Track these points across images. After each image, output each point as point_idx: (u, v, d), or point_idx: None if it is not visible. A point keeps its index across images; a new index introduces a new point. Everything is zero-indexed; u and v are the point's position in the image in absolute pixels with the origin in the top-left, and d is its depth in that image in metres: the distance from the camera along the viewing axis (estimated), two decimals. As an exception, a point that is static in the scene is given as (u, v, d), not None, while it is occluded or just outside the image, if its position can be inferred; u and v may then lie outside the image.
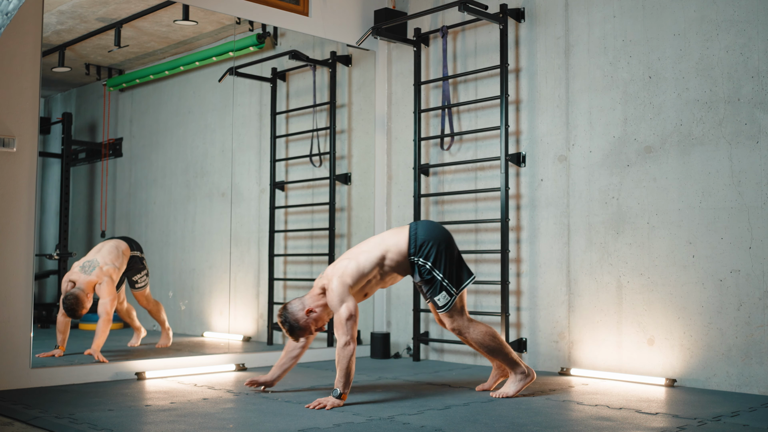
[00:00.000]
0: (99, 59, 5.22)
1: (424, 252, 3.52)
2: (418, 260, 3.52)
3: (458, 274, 3.56)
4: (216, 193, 5.27)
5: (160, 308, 4.94)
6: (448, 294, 3.51)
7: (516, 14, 4.68)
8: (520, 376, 3.59)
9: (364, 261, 3.51)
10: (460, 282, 3.55)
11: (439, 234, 3.58)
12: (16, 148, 3.78)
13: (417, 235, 3.55)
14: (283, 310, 3.50)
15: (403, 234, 3.58)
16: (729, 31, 3.85)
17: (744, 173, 3.76)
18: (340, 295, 3.39)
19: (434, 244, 3.53)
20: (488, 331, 3.57)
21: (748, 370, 3.70)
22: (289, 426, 2.91)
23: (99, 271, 4.49)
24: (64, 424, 2.88)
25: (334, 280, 3.43)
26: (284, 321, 3.47)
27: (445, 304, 3.52)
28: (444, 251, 3.53)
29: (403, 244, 3.54)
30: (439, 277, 3.51)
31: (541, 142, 4.58)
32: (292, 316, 3.47)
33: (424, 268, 3.52)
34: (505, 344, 3.60)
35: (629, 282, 4.13)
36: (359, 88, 5.50)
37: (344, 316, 3.35)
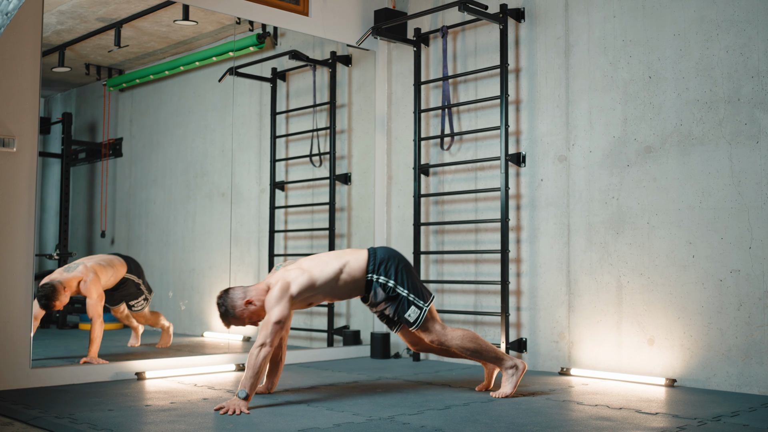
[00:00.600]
0: (99, 59, 5.22)
1: (383, 270, 3.49)
2: (379, 278, 3.48)
3: (422, 288, 3.55)
4: (216, 193, 5.27)
5: (157, 317, 4.88)
6: (417, 308, 3.47)
7: (516, 14, 4.68)
8: (511, 371, 3.58)
9: (318, 274, 3.45)
10: (426, 296, 3.53)
11: (398, 254, 3.58)
12: (16, 148, 3.78)
13: (376, 254, 3.53)
14: (224, 293, 3.43)
15: (362, 252, 3.55)
16: (729, 31, 3.85)
17: (744, 173, 3.76)
18: (278, 300, 3.34)
19: (393, 263, 3.51)
20: (466, 335, 3.55)
21: (748, 370, 3.70)
22: (289, 426, 2.91)
23: (83, 268, 4.34)
24: (64, 424, 2.88)
25: (280, 284, 3.38)
26: (221, 304, 3.41)
27: (417, 319, 3.47)
28: (404, 269, 3.52)
29: (362, 261, 3.50)
30: (404, 293, 3.48)
31: (541, 142, 4.58)
32: (231, 302, 3.40)
33: (387, 286, 3.48)
34: (485, 344, 3.57)
35: (629, 282, 4.13)
36: (359, 88, 5.50)
37: (273, 319, 3.30)
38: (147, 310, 4.77)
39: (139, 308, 4.69)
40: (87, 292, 4.27)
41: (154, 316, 4.88)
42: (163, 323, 4.89)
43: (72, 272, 4.30)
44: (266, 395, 3.60)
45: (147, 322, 4.84)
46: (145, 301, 4.69)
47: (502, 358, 3.59)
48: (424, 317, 3.49)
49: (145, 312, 4.77)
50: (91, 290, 4.28)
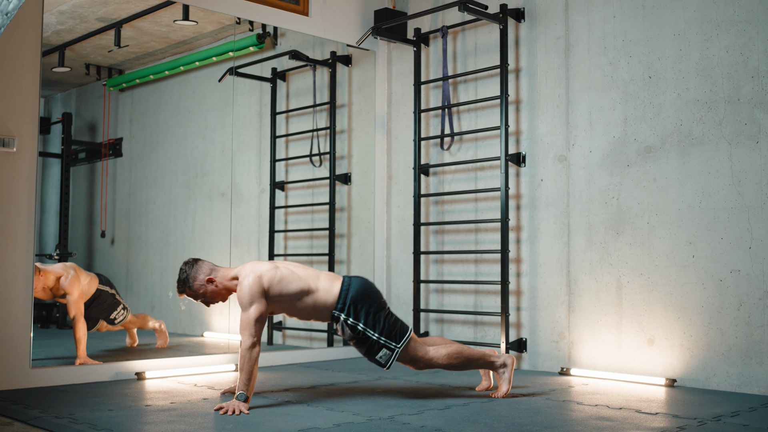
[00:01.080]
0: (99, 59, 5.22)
1: (353, 311, 3.39)
2: (348, 318, 3.40)
3: (395, 328, 3.44)
4: (216, 193, 5.27)
5: (144, 319, 4.80)
6: (388, 350, 3.40)
7: (516, 14, 4.69)
8: (502, 370, 3.58)
9: (288, 281, 3.37)
10: (401, 335, 3.43)
11: (371, 292, 3.46)
12: (16, 148, 3.78)
13: (349, 290, 3.42)
14: (192, 261, 3.38)
15: (336, 284, 3.44)
16: (729, 31, 3.85)
17: (744, 173, 3.76)
18: (253, 295, 3.28)
19: (365, 305, 3.41)
20: (451, 352, 3.49)
21: (748, 370, 3.70)
22: (289, 426, 2.91)
23: (62, 266, 4.26)
24: (64, 424, 2.88)
25: (252, 276, 3.30)
26: (184, 270, 3.36)
27: (387, 361, 3.41)
28: (376, 311, 3.42)
29: (333, 294, 3.41)
30: (374, 336, 3.39)
31: (541, 142, 4.58)
32: (194, 273, 3.35)
33: (357, 329, 3.39)
34: (470, 354, 3.53)
35: (629, 282, 4.13)
36: (359, 88, 5.50)
37: (254, 316, 3.25)
38: (130, 317, 4.64)
39: (122, 319, 4.55)
40: (68, 289, 4.20)
41: (140, 318, 4.78)
42: (152, 324, 4.84)
43: (49, 266, 4.22)
44: (266, 395, 3.60)
45: (135, 326, 4.74)
46: (125, 311, 4.55)
47: (492, 360, 3.58)
48: (395, 358, 3.41)
49: (130, 319, 4.65)
50: (72, 287, 4.21)
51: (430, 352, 3.49)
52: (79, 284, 4.27)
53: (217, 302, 3.44)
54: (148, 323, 4.82)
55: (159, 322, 4.89)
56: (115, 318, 4.51)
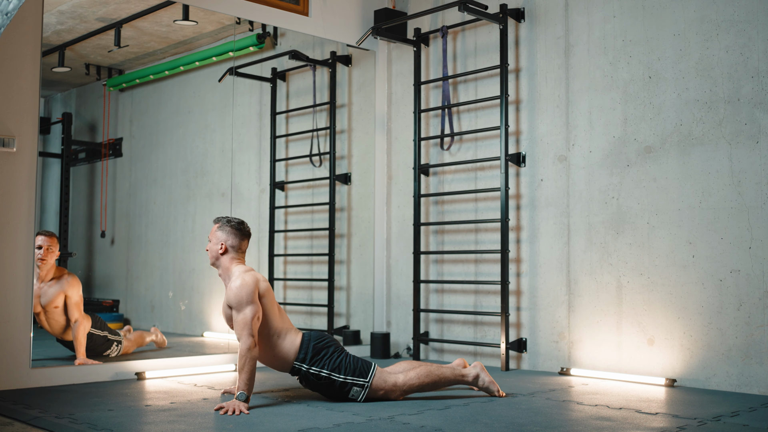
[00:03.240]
0: (99, 59, 5.22)
1: (316, 361, 3.38)
2: (310, 368, 3.38)
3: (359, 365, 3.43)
4: (216, 193, 5.27)
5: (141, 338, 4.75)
6: (359, 387, 3.39)
7: (516, 14, 4.69)
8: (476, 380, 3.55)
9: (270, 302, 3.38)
10: (367, 370, 3.42)
11: (329, 339, 3.48)
12: (16, 148, 3.78)
13: (309, 345, 3.41)
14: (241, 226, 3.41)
15: (297, 336, 3.43)
16: (729, 31, 3.85)
17: (744, 173, 3.76)
18: (249, 295, 3.27)
19: (324, 348, 3.41)
20: (419, 374, 3.47)
21: (748, 370, 3.70)
22: (289, 426, 2.91)
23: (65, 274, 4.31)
24: (64, 424, 2.88)
25: (249, 275, 3.31)
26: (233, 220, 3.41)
27: (361, 396, 3.41)
28: (334, 352, 3.42)
29: (295, 345, 3.40)
30: (340, 378, 3.39)
31: (541, 142, 4.58)
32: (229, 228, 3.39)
33: (320, 376, 3.38)
34: (441, 373, 3.51)
35: (629, 282, 4.13)
36: (359, 88, 5.50)
37: (250, 316, 3.26)
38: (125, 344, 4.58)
39: (117, 353, 4.51)
40: (69, 291, 4.25)
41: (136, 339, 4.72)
42: (149, 338, 4.80)
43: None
44: (266, 395, 3.60)
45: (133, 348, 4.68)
46: (118, 346, 4.51)
47: (463, 374, 3.55)
48: (367, 392, 3.40)
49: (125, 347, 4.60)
50: (73, 289, 4.25)
51: (400, 378, 3.46)
52: (78, 287, 4.29)
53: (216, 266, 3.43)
54: (145, 340, 4.77)
55: (153, 330, 4.85)
56: (110, 354, 4.48)
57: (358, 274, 5.37)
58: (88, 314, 4.41)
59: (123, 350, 4.56)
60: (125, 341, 4.58)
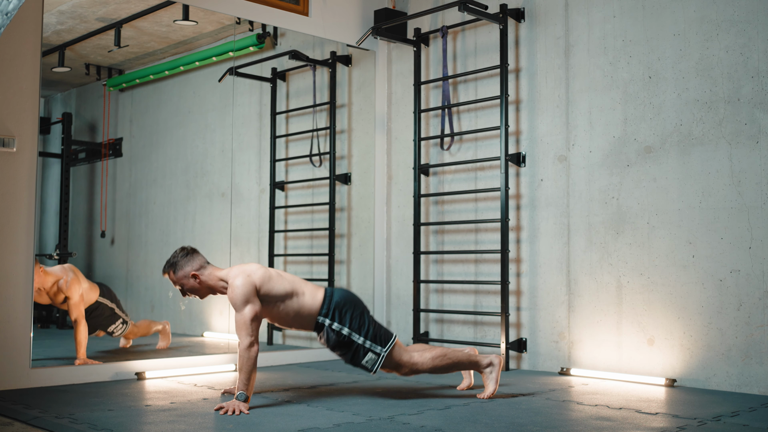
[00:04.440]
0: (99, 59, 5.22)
1: (338, 316, 3.40)
2: (332, 324, 3.40)
3: (380, 333, 3.45)
4: (216, 193, 5.27)
5: (148, 326, 4.78)
6: (374, 354, 3.41)
7: (516, 14, 4.69)
8: (488, 369, 3.56)
9: (275, 281, 3.37)
10: (386, 340, 3.44)
11: (354, 299, 3.48)
12: (16, 148, 3.78)
13: (333, 297, 3.43)
14: (189, 251, 3.36)
15: (319, 291, 3.45)
16: (729, 31, 3.85)
17: (744, 173, 3.76)
18: (246, 295, 3.26)
19: (349, 309, 3.42)
20: (434, 356, 3.49)
21: (748, 370, 3.70)
22: (289, 426, 2.91)
23: (61, 269, 4.23)
24: (64, 424, 2.88)
25: (241, 277, 3.29)
26: (175, 255, 3.35)
27: (373, 365, 3.42)
28: (360, 315, 3.44)
29: (317, 300, 3.41)
30: (359, 340, 3.40)
31: (541, 142, 4.58)
32: (183, 262, 3.34)
33: (341, 334, 3.40)
34: (455, 356, 3.52)
35: (629, 282, 4.13)
36: (359, 88, 5.50)
37: (249, 316, 3.25)
38: (131, 328, 4.62)
39: (120, 332, 4.54)
40: (69, 292, 4.21)
41: (144, 326, 4.74)
42: (156, 327, 4.82)
43: (49, 268, 4.20)
44: (266, 395, 3.60)
45: (138, 334, 4.71)
46: (124, 325, 4.53)
47: (477, 360, 3.57)
48: (381, 363, 3.42)
49: (130, 330, 4.63)
50: (72, 289, 4.21)
51: (414, 356, 3.49)
52: (78, 286, 4.26)
53: (194, 297, 3.42)
54: (152, 329, 4.78)
55: (164, 323, 4.87)
56: (113, 331, 4.48)
57: (358, 274, 5.37)
58: (97, 284, 4.41)
59: (127, 332, 4.55)
60: (131, 325, 4.58)
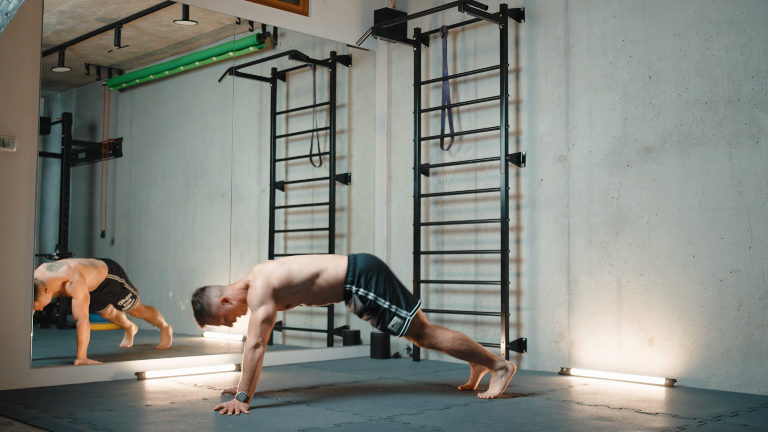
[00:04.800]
0: (99, 59, 5.22)
1: (363, 282, 3.45)
2: (358, 290, 3.45)
3: (406, 297, 3.50)
4: (216, 193, 5.28)
5: (155, 313, 4.85)
6: (400, 318, 3.45)
7: (516, 14, 4.69)
8: (500, 372, 3.57)
9: (296, 271, 3.41)
10: (411, 305, 3.49)
11: (378, 264, 3.52)
12: (16, 148, 3.78)
13: (356, 264, 3.47)
14: (200, 291, 3.39)
15: (342, 260, 3.49)
16: (729, 31, 3.85)
17: (744, 173, 3.76)
18: (262, 296, 3.30)
19: (374, 273, 3.46)
20: (456, 337, 3.54)
21: (748, 370, 3.70)
22: (289, 426, 2.91)
23: (67, 269, 4.27)
24: (64, 424, 2.88)
25: (260, 279, 3.34)
26: (196, 302, 3.37)
27: (400, 329, 3.46)
28: (384, 280, 3.48)
29: (341, 270, 3.46)
30: (385, 305, 3.45)
31: (541, 142, 4.58)
32: (207, 300, 3.36)
33: (367, 299, 3.44)
34: (476, 345, 3.57)
35: (629, 282, 4.13)
36: (359, 88, 5.50)
37: (260, 317, 3.27)
38: (140, 304, 4.73)
39: (129, 306, 4.63)
40: (73, 293, 4.24)
41: (151, 311, 4.84)
42: (161, 321, 4.86)
43: (55, 272, 4.24)
44: (266, 395, 3.60)
45: (143, 316, 4.80)
46: (133, 299, 4.63)
47: (493, 359, 3.59)
48: (407, 327, 3.46)
49: (138, 307, 4.74)
50: (77, 291, 4.24)
51: (437, 331, 3.55)
52: (84, 287, 4.28)
53: (238, 318, 3.46)
54: (157, 318, 4.85)
55: (169, 325, 4.91)
56: (123, 305, 4.61)
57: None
58: (104, 260, 4.52)
59: (134, 309, 4.66)
60: (138, 303, 4.67)
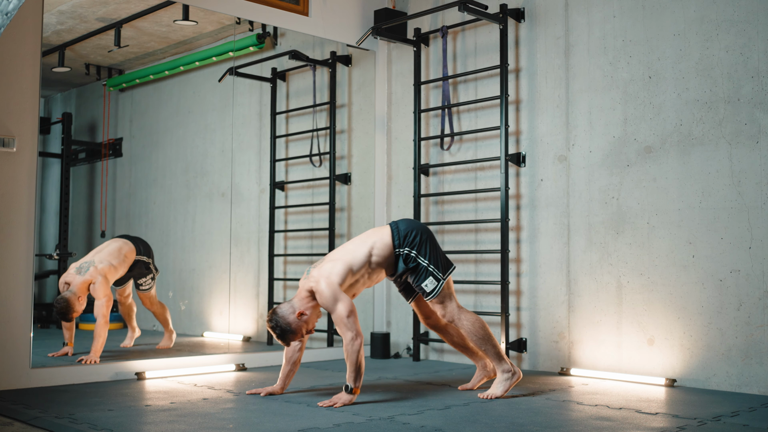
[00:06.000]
0: (99, 59, 5.22)
1: (408, 241, 3.57)
2: (402, 250, 3.57)
3: (443, 260, 3.61)
4: (216, 193, 5.27)
5: (165, 310, 4.92)
6: (435, 279, 3.54)
7: (516, 14, 4.68)
8: (506, 375, 3.58)
9: (351, 260, 3.52)
10: (446, 268, 3.60)
11: (420, 225, 3.65)
12: (16, 148, 3.78)
13: (399, 228, 3.61)
14: (273, 314, 3.45)
15: (385, 230, 3.63)
16: (729, 31, 3.85)
17: (744, 173, 3.76)
18: (334, 294, 3.39)
19: (417, 233, 3.60)
20: (478, 320, 3.59)
21: (748, 370, 3.70)
22: (289, 426, 2.91)
23: (93, 270, 4.45)
24: (64, 424, 2.88)
25: (322, 282, 3.42)
26: (275, 326, 3.42)
27: (433, 289, 3.54)
28: (427, 240, 3.60)
29: (387, 238, 3.59)
30: (424, 263, 3.55)
31: (541, 142, 4.58)
32: (284, 320, 3.42)
33: (410, 256, 3.56)
34: (492, 338, 3.60)
35: (629, 282, 4.13)
36: (359, 88, 5.50)
37: (344, 313, 3.35)
38: (154, 293, 4.83)
39: (147, 288, 4.79)
40: (95, 293, 4.39)
41: (162, 306, 4.92)
42: (168, 320, 4.90)
43: (83, 275, 4.43)
44: (268, 397, 3.60)
45: (154, 308, 4.87)
46: (152, 281, 4.79)
47: (503, 357, 3.60)
48: (440, 289, 3.55)
49: (151, 294, 4.83)
50: (98, 292, 4.39)
51: (462, 310, 3.61)
52: (106, 288, 4.43)
53: (315, 324, 3.53)
54: (165, 315, 4.91)
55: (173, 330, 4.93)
56: (142, 284, 4.77)
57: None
58: (132, 240, 4.78)
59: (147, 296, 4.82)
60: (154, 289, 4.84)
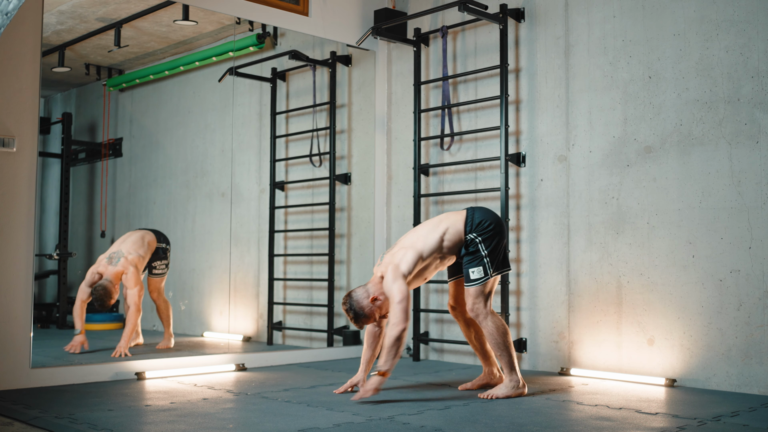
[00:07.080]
0: (99, 59, 5.22)
1: (479, 229, 3.61)
2: (471, 235, 3.61)
3: (500, 259, 3.64)
4: (216, 193, 5.27)
5: (168, 308, 4.97)
6: (484, 271, 3.58)
7: (516, 14, 4.68)
8: (513, 384, 3.59)
9: (422, 247, 3.58)
10: (500, 267, 3.64)
11: (496, 218, 3.68)
12: (16, 148, 3.78)
13: (474, 216, 3.65)
14: (348, 297, 3.54)
15: (460, 214, 3.68)
16: (729, 31, 3.85)
17: (744, 173, 3.76)
18: (393, 280, 3.47)
19: (490, 223, 3.63)
20: (504, 325, 3.62)
21: (748, 370, 3.70)
22: (289, 426, 2.91)
23: (125, 261, 4.61)
24: (64, 424, 2.88)
25: (391, 268, 3.51)
26: (349, 308, 3.52)
27: (477, 279, 3.57)
28: (496, 235, 3.63)
29: (460, 225, 3.64)
30: (483, 252, 3.59)
31: (541, 142, 4.58)
32: (357, 304, 3.51)
33: (474, 241, 3.60)
34: (512, 347, 3.62)
35: (629, 282, 4.13)
36: (359, 88, 5.50)
37: (397, 299, 3.42)
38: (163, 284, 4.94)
39: (160, 272, 4.91)
40: (127, 284, 4.59)
41: (166, 304, 4.97)
42: (169, 320, 4.93)
43: (116, 266, 4.61)
44: (266, 395, 3.60)
45: (159, 302, 4.93)
46: (166, 267, 4.92)
47: (515, 370, 3.62)
48: (483, 283, 3.57)
49: (161, 285, 4.92)
50: (130, 282, 4.58)
51: (493, 313, 3.63)
52: (137, 278, 4.61)
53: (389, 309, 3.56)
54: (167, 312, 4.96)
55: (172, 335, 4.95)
56: (156, 267, 4.91)
57: (358, 274, 5.37)
58: (152, 232, 4.94)
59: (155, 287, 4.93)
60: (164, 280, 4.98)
